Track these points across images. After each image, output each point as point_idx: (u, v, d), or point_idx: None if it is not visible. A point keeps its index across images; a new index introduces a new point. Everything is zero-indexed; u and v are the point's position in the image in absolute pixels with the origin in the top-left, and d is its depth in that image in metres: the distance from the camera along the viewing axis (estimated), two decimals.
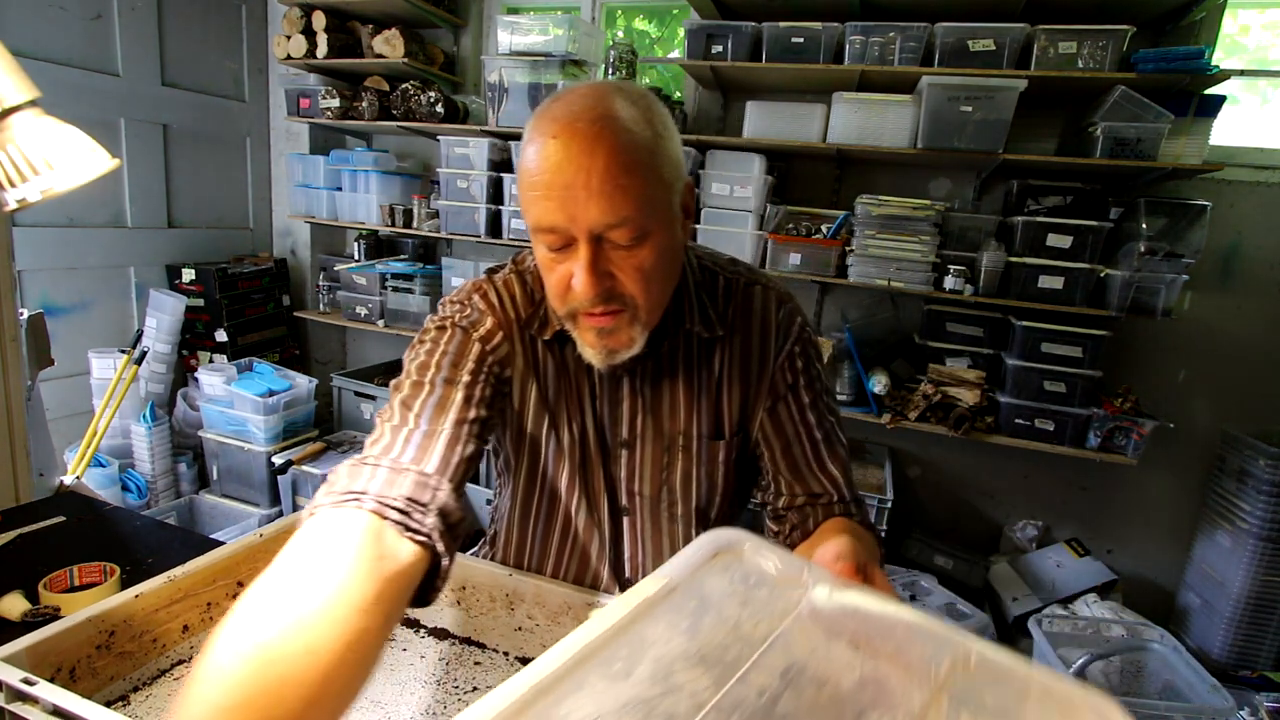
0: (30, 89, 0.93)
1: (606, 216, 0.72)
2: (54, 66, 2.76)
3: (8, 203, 0.93)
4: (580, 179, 0.71)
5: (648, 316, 0.81)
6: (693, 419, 0.95)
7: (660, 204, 0.77)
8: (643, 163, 0.73)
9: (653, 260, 0.77)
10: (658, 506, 0.99)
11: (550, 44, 2.82)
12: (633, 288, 0.78)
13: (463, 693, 0.87)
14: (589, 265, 0.74)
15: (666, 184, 0.77)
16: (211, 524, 3.01)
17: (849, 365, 2.68)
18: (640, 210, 0.73)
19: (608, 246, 0.75)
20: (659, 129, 0.76)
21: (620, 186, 0.71)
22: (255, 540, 1.00)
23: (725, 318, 0.94)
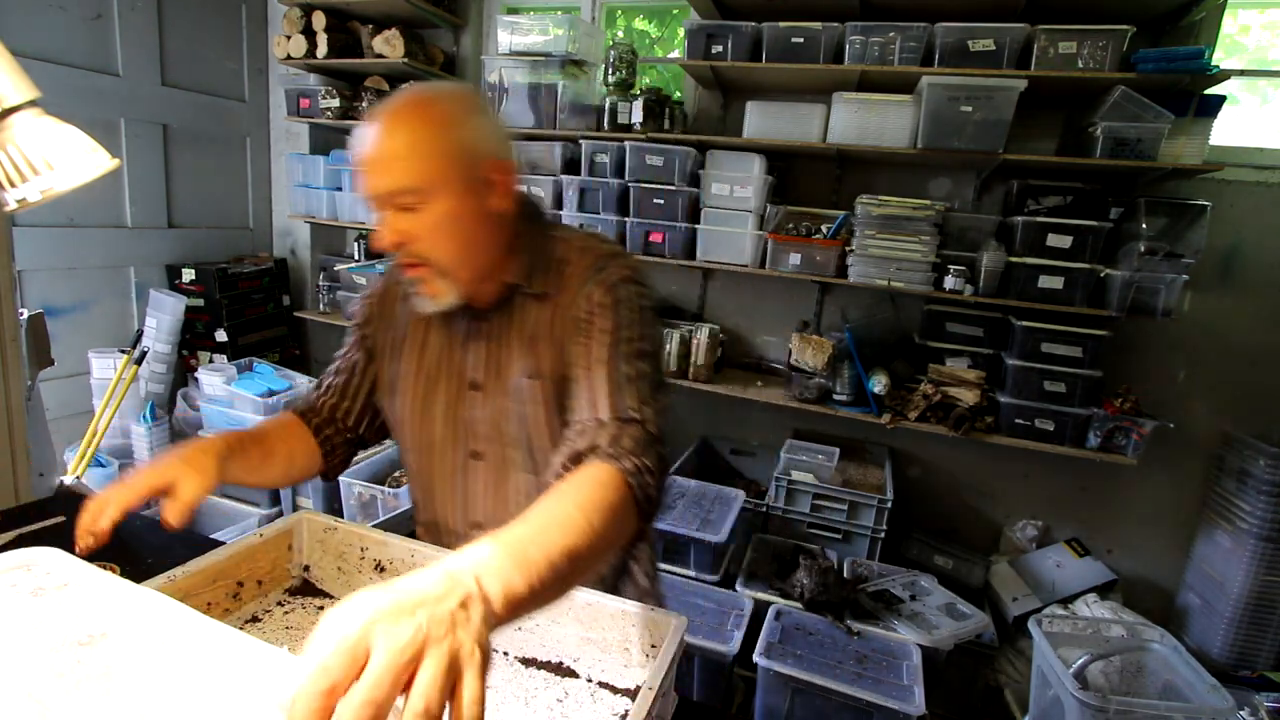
0: (30, 89, 0.93)
1: (383, 186, 0.92)
2: (54, 66, 2.76)
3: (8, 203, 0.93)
4: (374, 155, 0.92)
5: (450, 271, 0.98)
6: (525, 364, 1.05)
7: (443, 175, 0.92)
8: (424, 143, 0.91)
9: (434, 221, 0.94)
10: (504, 451, 1.09)
11: (550, 44, 2.82)
12: (423, 245, 0.95)
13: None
14: (382, 222, 0.95)
15: (452, 158, 0.93)
16: (211, 524, 3.00)
17: (849, 365, 2.68)
18: (416, 178, 0.91)
19: (401, 210, 0.93)
20: (451, 120, 0.93)
21: (396, 162, 0.91)
22: (255, 540, 1.00)
23: (557, 277, 1.04)
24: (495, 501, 1.10)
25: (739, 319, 3.20)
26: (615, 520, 0.79)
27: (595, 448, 0.87)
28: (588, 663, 0.93)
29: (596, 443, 0.87)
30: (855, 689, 1.89)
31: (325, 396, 1.19)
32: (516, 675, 0.91)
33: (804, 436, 3.04)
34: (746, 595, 2.33)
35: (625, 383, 0.95)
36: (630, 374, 0.95)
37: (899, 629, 2.16)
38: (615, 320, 0.98)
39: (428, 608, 0.49)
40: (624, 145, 2.83)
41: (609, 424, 0.91)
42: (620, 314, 0.98)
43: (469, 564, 0.58)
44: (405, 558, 1.02)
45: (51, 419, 2.42)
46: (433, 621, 0.49)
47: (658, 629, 0.90)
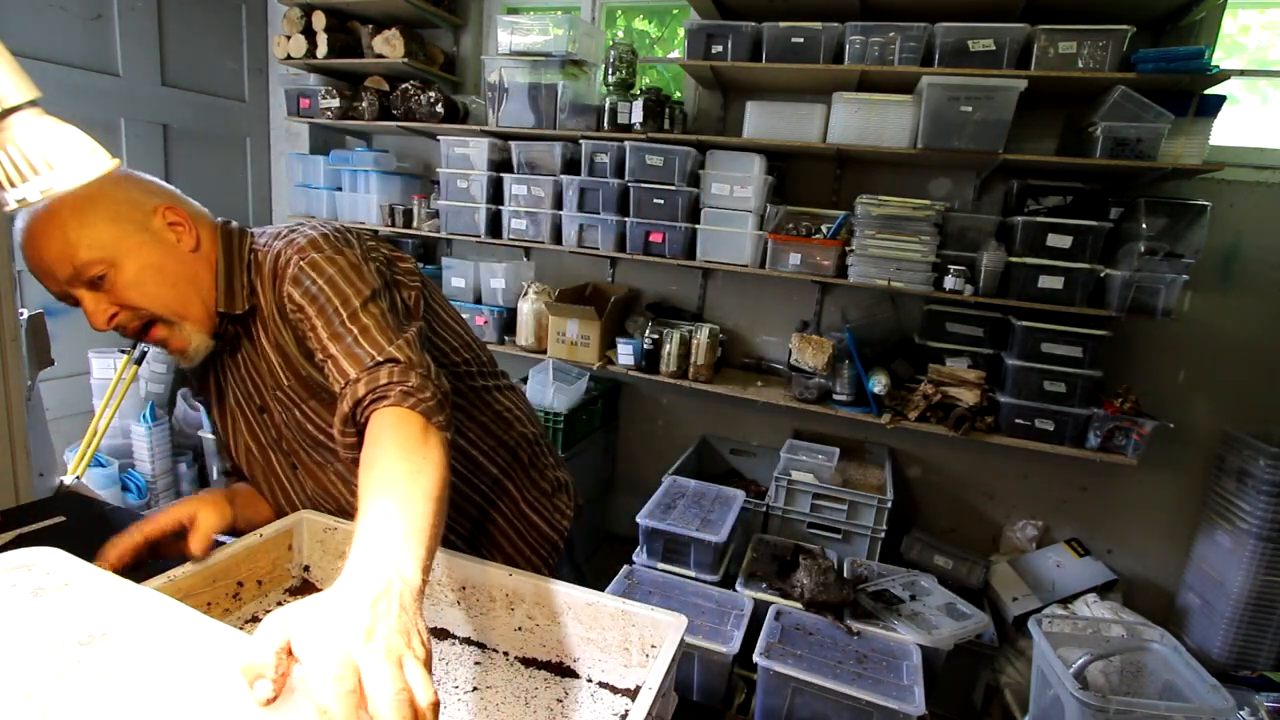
0: (30, 89, 0.93)
1: (66, 266, 0.94)
2: (54, 66, 2.76)
3: (8, 203, 0.93)
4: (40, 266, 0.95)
5: (178, 317, 1.02)
6: (270, 377, 1.10)
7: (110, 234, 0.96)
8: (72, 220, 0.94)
9: (136, 277, 0.97)
10: (301, 455, 1.16)
11: (550, 44, 2.82)
12: (139, 302, 0.98)
13: (462, 692, 0.87)
14: (89, 305, 0.98)
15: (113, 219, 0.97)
16: None
17: (849, 365, 2.68)
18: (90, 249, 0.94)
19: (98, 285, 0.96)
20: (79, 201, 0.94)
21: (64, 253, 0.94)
22: (255, 540, 1.00)
23: (251, 288, 1.08)
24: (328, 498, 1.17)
25: (739, 319, 3.20)
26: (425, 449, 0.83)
27: (358, 401, 0.90)
28: (588, 663, 0.93)
29: (357, 396, 0.90)
30: (855, 689, 1.89)
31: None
32: (516, 675, 0.91)
33: (804, 436, 3.04)
34: (746, 595, 2.33)
35: (356, 343, 0.96)
36: (359, 329, 0.97)
37: (899, 629, 2.16)
38: (318, 305, 0.99)
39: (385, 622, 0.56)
40: (624, 145, 2.83)
41: (361, 378, 0.92)
42: (317, 295, 1.00)
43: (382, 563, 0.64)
44: None
45: (51, 419, 2.42)
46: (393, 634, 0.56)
47: (658, 629, 0.90)
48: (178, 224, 1.04)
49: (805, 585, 2.24)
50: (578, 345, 3.03)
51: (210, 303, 1.06)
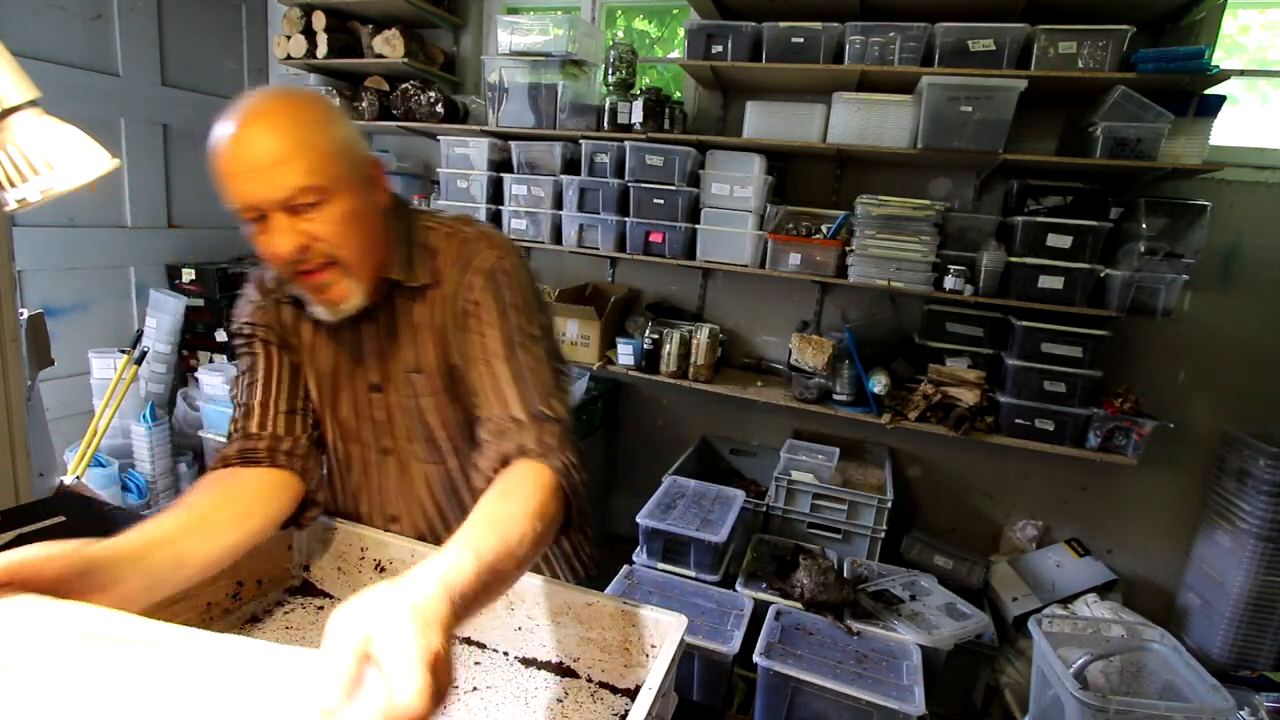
0: (30, 89, 0.93)
1: (284, 187, 0.85)
2: (54, 66, 2.76)
3: (8, 203, 0.93)
4: (252, 161, 0.84)
5: (354, 269, 0.95)
6: (411, 358, 1.05)
7: (336, 171, 0.89)
8: (306, 139, 0.86)
9: (341, 213, 0.90)
10: (403, 445, 1.10)
11: (550, 44, 2.82)
12: (330, 242, 0.91)
13: (463, 692, 0.87)
14: (282, 229, 0.88)
15: (337, 154, 0.89)
16: None
17: (849, 365, 2.68)
18: (314, 175, 0.86)
19: (298, 211, 0.88)
20: (321, 114, 0.89)
21: (289, 160, 0.85)
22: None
23: (433, 267, 1.02)
24: (406, 495, 1.13)
25: (739, 319, 3.20)
26: (551, 521, 0.84)
27: (523, 449, 0.89)
28: (588, 663, 0.93)
29: (522, 443, 0.90)
30: (855, 689, 1.89)
31: (266, 418, 1.05)
32: (516, 675, 0.91)
33: (804, 436, 3.04)
34: (746, 595, 2.33)
35: (530, 375, 0.96)
36: (531, 364, 0.96)
37: (899, 629, 2.16)
38: (501, 308, 0.98)
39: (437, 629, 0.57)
40: (624, 145, 2.83)
41: (527, 423, 0.92)
42: (504, 301, 0.99)
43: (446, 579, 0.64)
44: (405, 558, 1.03)
45: (51, 419, 2.42)
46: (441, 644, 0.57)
47: (658, 629, 0.90)
48: (379, 179, 1.00)
49: (805, 585, 2.24)
50: (578, 345, 3.03)
51: (378, 264, 1.00)
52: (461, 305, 1.00)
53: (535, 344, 0.99)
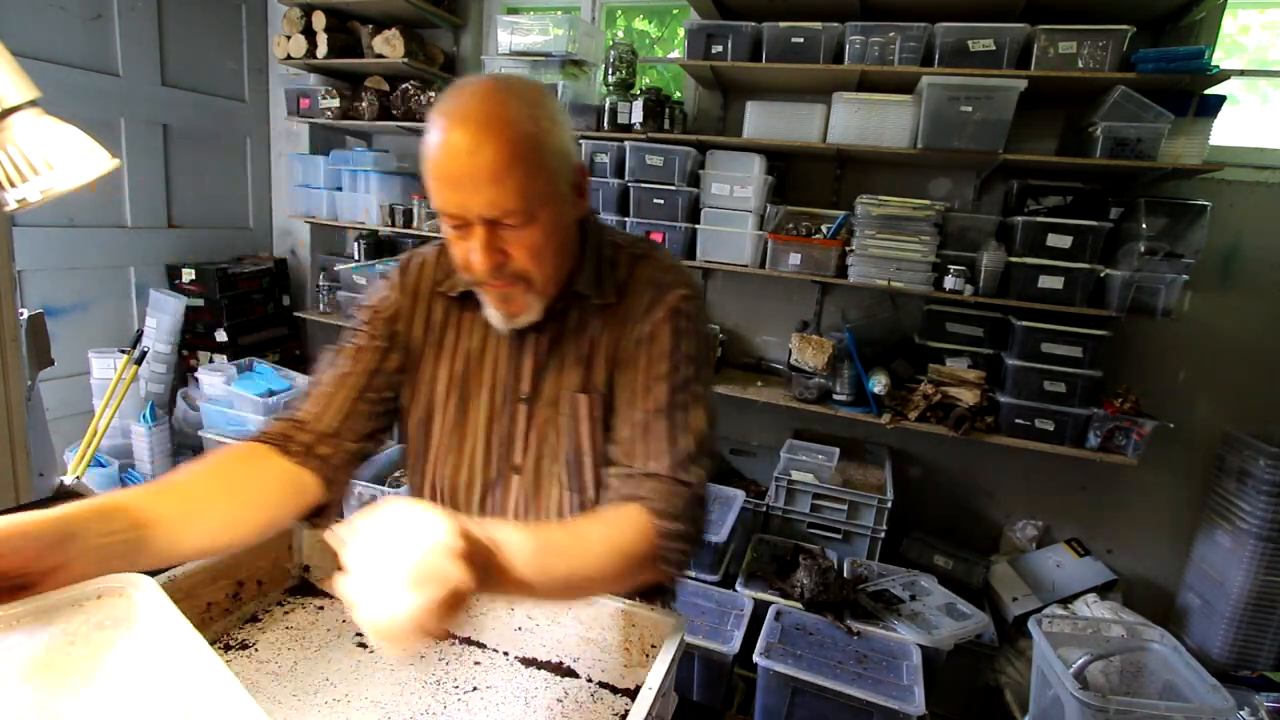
0: (30, 89, 0.93)
1: (494, 207, 0.82)
2: (54, 66, 2.77)
3: (8, 203, 0.93)
4: (467, 172, 0.81)
5: (542, 286, 0.92)
6: (573, 377, 1.00)
7: (545, 190, 0.85)
8: (524, 156, 0.82)
9: (541, 238, 0.87)
10: (540, 468, 1.03)
11: (550, 44, 2.82)
12: (524, 263, 0.88)
13: (463, 692, 0.87)
14: (484, 245, 0.85)
15: (551, 171, 0.85)
16: None
17: (849, 365, 2.68)
18: (524, 198, 0.83)
19: (499, 228, 0.85)
20: (544, 123, 0.84)
21: (503, 179, 0.81)
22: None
23: (617, 287, 0.99)
24: (529, 517, 1.05)
25: (739, 319, 3.20)
26: (629, 570, 0.82)
27: (642, 499, 0.87)
28: (588, 663, 0.93)
29: (644, 494, 0.88)
30: (855, 689, 1.89)
31: (324, 412, 0.99)
32: (516, 675, 0.91)
33: (804, 436, 3.04)
34: (746, 595, 2.33)
35: (681, 435, 0.92)
36: (685, 422, 0.93)
37: (899, 629, 2.16)
38: (675, 355, 0.94)
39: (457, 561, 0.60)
40: (624, 145, 2.83)
41: (663, 481, 0.89)
42: (681, 348, 0.95)
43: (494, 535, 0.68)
44: None
45: (51, 419, 2.43)
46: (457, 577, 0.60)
47: (658, 629, 0.90)
48: (584, 187, 0.94)
49: (805, 585, 2.24)
50: None
51: (565, 279, 0.96)
52: (638, 335, 0.96)
53: (696, 403, 0.94)
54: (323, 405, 1.00)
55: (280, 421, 0.98)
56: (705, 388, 0.97)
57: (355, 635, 0.97)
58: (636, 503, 0.87)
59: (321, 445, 0.97)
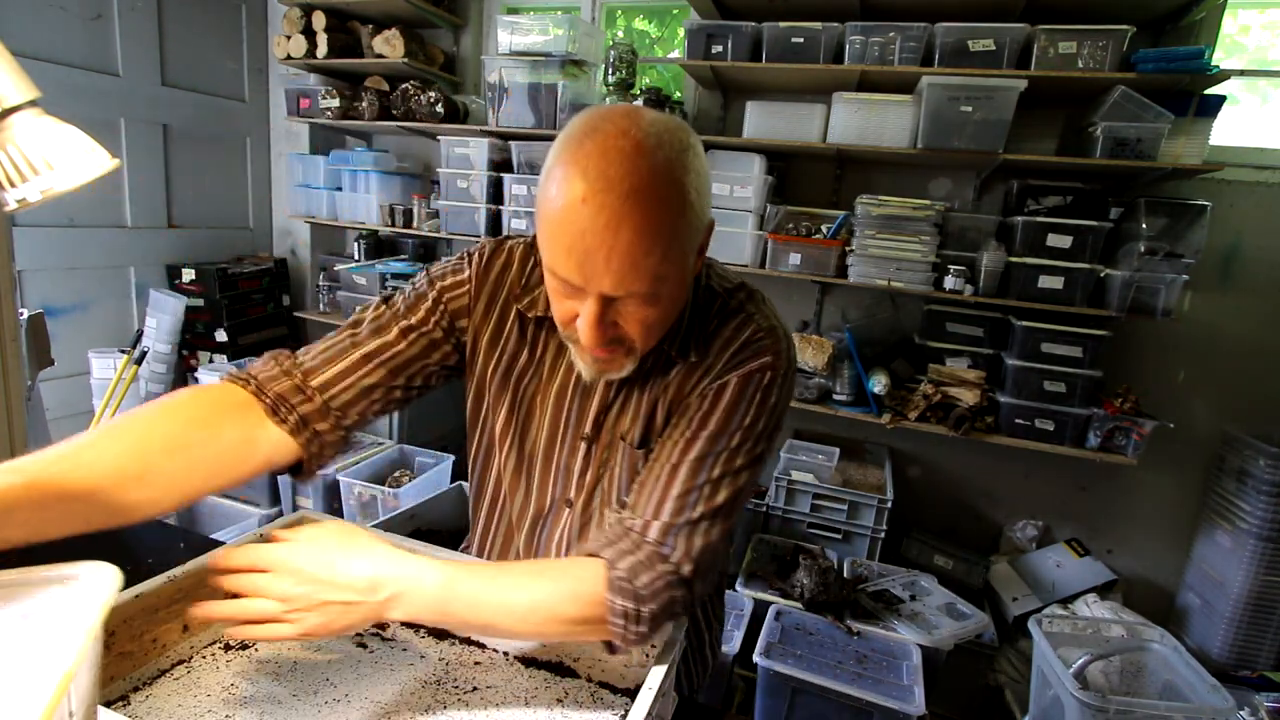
0: (30, 89, 0.93)
1: (620, 288, 0.75)
2: (54, 66, 2.77)
3: (8, 203, 0.93)
4: (601, 250, 0.72)
5: (644, 351, 0.85)
6: (636, 424, 0.94)
7: (676, 267, 0.77)
8: (665, 237, 0.73)
9: (658, 315, 0.80)
10: (590, 505, 0.99)
11: (550, 44, 2.82)
12: (634, 335, 0.81)
13: (463, 693, 0.87)
14: (595, 320, 0.77)
15: (686, 251, 0.78)
16: (211, 524, 3.00)
17: (849, 365, 2.68)
18: (654, 281, 0.75)
19: (618, 301, 0.77)
20: (690, 194, 0.75)
21: (639, 263, 0.73)
22: (255, 540, 1.00)
23: (704, 342, 0.91)
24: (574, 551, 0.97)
25: None
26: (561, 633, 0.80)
27: (610, 563, 0.80)
28: (588, 663, 0.93)
29: (616, 564, 0.80)
30: (855, 689, 1.89)
31: (337, 384, 0.91)
32: (516, 675, 0.91)
33: (804, 436, 3.04)
34: (746, 595, 2.33)
35: (696, 503, 0.83)
36: (706, 494, 0.83)
37: (899, 629, 2.16)
38: (730, 419, 0.86)
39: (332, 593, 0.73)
40: None
41: (643, 548, 0.81)
42: (740, 417, 0.86)
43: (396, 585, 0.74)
44: None
45: (51, 419, 2.43)
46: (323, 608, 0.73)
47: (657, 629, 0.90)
48: (705, 247, 0.84)
49: (805, 585, 2.24)
50: None
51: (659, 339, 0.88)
52: (703, 389, 0.89)
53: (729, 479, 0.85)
54: (342, 376, 0.91)
55: (280, 374, 0.89)
56: (750, 469, 0.87)
57: (355, 635, 0.97)
58: (603, 563, 0.80)
59: (321, 420, 0.89)
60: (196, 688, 0.84)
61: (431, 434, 3.18)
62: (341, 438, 0.93)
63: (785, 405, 0.90)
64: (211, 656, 0.89)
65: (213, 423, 0.83)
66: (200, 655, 0.89)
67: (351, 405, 0.92)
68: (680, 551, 0.81)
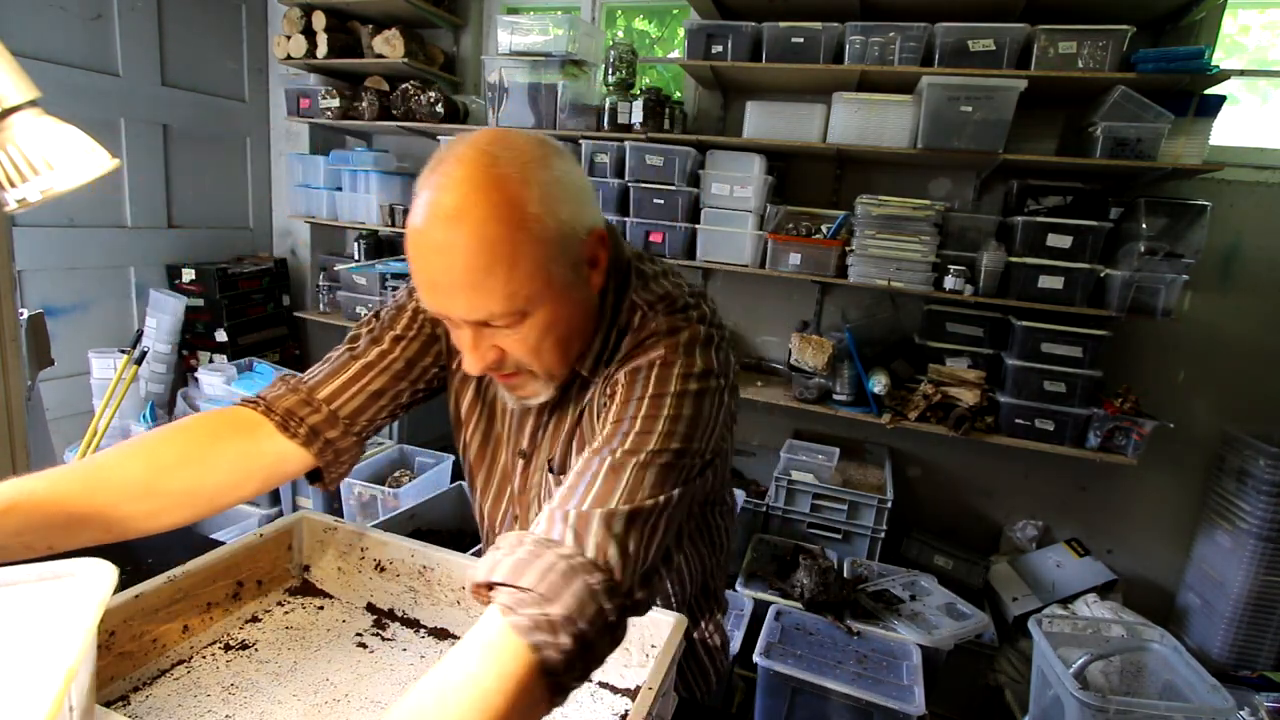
0: (30, 89, 0.93)
1: (475, 312, 0.75)
2: (54, 66, 2.76)
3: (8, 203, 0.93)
4: (443, 280, 0.73)
5: (549, 375, 0.85)
6: (557, 447, 0.94)
7: (536, 286, 0.75)
8: (505, 254, 0.71)
9: (537, 335, 0.79)
10: (528, 520, 1.00)
11: (550, 44, 2.82)
12: (522, 357, 0.81)
13: None
14: (471, 347, 0.78)
15: (542, 263, 0.74)
16: (211, 524, 3.00)
17: (849, 365, 2.68)
18: (508, 300, 0.74)
19: (491, 325, 0.77)
20: (532, 208, 0.72)
21: (480, 284, 0.72)
22: (255, 540, 1.00)
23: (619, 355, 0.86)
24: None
25: (739, 319, 3.20)
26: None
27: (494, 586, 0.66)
28: None
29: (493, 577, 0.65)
30: (855, 689, 1.89)
31: (343, 393, 0.93)
32: None
33: (804, 436, 3.04)
34: (746, 595, 2.33)
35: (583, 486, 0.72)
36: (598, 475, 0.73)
37: (899, 629, 2.16)
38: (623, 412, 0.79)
39: None
40: (624, 145, 2.83)
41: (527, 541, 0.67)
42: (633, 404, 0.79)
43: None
44: (405, 558, 1.03)
45: (51, 419, 2.43)
46: None
47: (658, 629, 0.90)
48: (599, 259, 0.82)
49: (805, 585, 2.24)
50: None
51: (576, 354, 0.87)
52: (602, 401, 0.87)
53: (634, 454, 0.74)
54: (346, 386, 0.93)
55: (288, 391, 0.92)
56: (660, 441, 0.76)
57: (355, 635, 0.97)
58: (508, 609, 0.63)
59: (331, 428, 0.91)
60: (196, 688, 0.84)
61: (431, 434, 3.18)
62: (354, 444, 0.95)
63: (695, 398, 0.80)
64: (211, 656, 0.89)
65: (222, 438, 0.86)
66: (200, 655, 0.89)
67: (360, 413, 0.94)
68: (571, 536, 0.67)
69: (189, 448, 0.83)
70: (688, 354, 0.82)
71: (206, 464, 0.83)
